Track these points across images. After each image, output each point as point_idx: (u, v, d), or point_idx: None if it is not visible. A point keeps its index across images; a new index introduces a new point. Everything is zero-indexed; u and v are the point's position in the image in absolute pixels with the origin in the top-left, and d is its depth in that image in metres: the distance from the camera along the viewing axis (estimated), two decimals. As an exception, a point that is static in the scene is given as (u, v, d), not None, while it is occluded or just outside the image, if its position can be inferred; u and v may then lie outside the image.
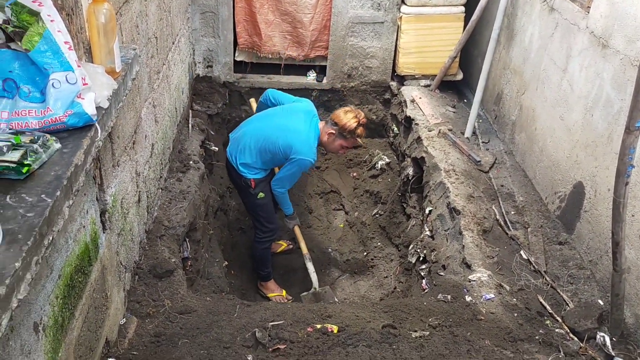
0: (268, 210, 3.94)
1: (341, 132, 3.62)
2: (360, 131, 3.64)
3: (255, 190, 3.75)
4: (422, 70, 4.92)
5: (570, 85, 3.34)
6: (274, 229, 4.05)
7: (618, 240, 2.31)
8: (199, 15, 4.56)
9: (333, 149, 3.76)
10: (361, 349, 2.31)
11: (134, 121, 2.67)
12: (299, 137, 3.54)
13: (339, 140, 3.67)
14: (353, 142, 3.72)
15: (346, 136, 3.63)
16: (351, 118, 3.60)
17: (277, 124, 3.64)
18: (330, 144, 3.71)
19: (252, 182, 3.70)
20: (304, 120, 3.63)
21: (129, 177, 2.60)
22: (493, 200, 3.68)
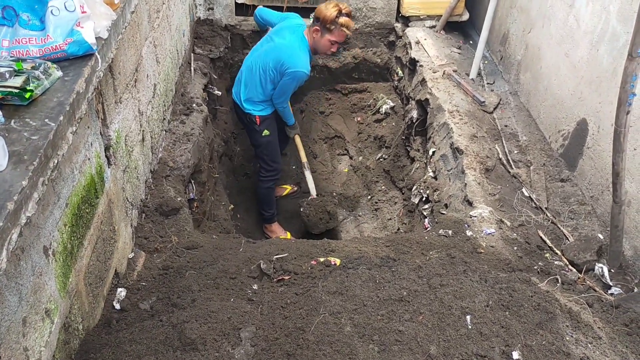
0: (272, 149, 3.99)
1: (324, 25, 3.52)
2: (343, 21, 3.51)
3: (260, 127, 3.81)
4: (427, 10, 4.83)
5: (576, 21, 3.28)
6: (277, 168, 4.11)
7: (618, 170, 2.32)
8: (198, -45, 4.46)
9: (323, 47, 3.64)
10: (361, 270, 2.39)
11: (135, 59, 2.66)
12: (286, 51, 3.54)
13: (326, 35, 3.56)
14: (340, 35, 3.57)
15: (330, 28, 3.52)
16: (331, 7, 3.49)
17: (265, 50, 3.68)
18: (318, 43, 3.62)
19: (257, 119, 3.77)
20: (288, 35, 3.62)
21: (132, 115, 2.61)
22: (496, 140, 3.67)
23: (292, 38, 3.59)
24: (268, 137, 3.87)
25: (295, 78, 3.58)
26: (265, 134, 3.85)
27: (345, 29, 3.55)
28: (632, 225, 2.68)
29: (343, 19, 3.50)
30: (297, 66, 3.53)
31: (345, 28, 3.54)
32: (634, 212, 2.67)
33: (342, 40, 3.65)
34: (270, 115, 3.83)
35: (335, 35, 3.56)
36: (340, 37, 3.59)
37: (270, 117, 3.85)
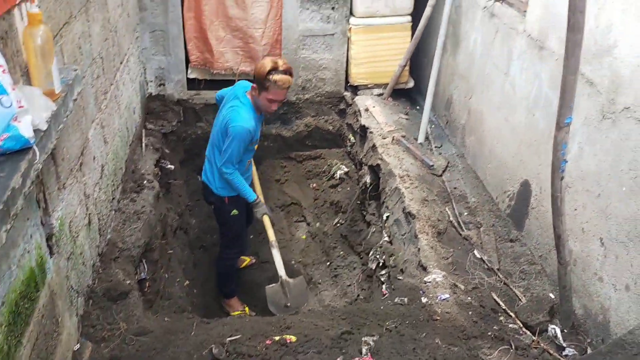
0: (239, 228, 3.95)
1: (259, 82, 3.32)
2: (277, 78, 3.26)
3: (229, 206, 3.74)
4: (374, 79, 5.01)
5: (512, 88, 3.45)
6: (241, 248, 4.06)
7: (560, 233, 2.40)
8: (148, 34, 4.54)
9: (263, 106, 3.44)
10: (311, 355, 2.34)
11: (81, 142, 2.64)
12: (229, 113, 3.43)
13: (262, 92, 3.35)
14: (276, 93, 3.34)
15: (265, 85, 3.30)
16: (266, 64, 3.29)
17: (215, 123, 3.65)
18: (258, 102, 3.44)
19: (226, 199, 3.72)
20: (233, 100, 3.52)
21: (77, 200, 2.57)
22: (446, 203, 3.76)
23: (235, 101, 3.50)
24: (236, 216, 3.80)
25: (237, 135, 3.37)
26: (233, 213, 3.77)
27: (280, 86, 3.31)
28: (580, 284, 2.74)
29: (277, 76, 3.27)
30: (237, 121, 3.37)
31: (280, 86, 3.31)
32: (580, 271, 2.73)
33: (281, 97, 3.43)
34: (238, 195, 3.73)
35: (272, 93, 3.34)
36: (276, 95, 3.37)
37: (239, 196, 3.73)
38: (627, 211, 2.40)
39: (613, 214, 2.49)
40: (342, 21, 4.80)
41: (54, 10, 2.33)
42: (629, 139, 2.39)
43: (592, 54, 2.63)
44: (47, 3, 2.24)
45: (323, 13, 4.75)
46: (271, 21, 4.77)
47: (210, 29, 4.71)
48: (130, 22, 3.99)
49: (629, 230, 2.39)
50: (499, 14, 3.61)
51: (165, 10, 4.49)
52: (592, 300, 2.66)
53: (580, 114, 2.71)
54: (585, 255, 2.70)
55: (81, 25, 2.70)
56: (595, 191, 2.62)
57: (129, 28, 3.96)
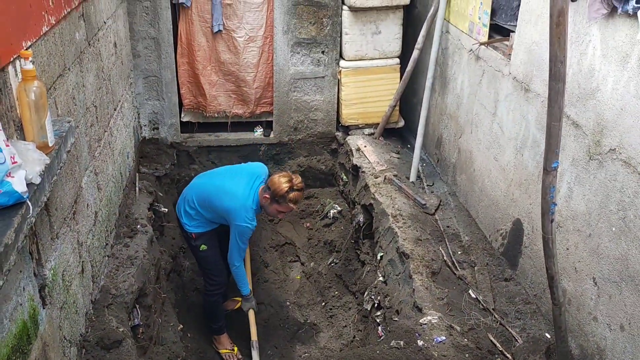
0: (213, 262, 3.97)
1: (274, 197, 3.52)
2: (293, 196, 3.52)
3: (196, 242, 3.82)
4: (365, 119, 5.09)
5: (500, 128, 3.52)
6: (220, 282, 4.07)
7: (552, 274, 2.41)
8: (142, 80, 4.62)
9: (270, 213, 3.70)
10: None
11: (74, 191, 2.66)
12: (235, 203, 3.56)
13: (274, 204, 3.57)
14: (287, 207, 3.59)
15: (279, 201, 3.53)
16: (283, 183, 3.49)
17: (219, 184, 3.70)
18: (267, 208, 3.64)
19: (193, 235, 3.80)
20: (245, 183, 3.64)
21: (70, 249, 2.57)
22: (440, 242, 3.77)
23: (246, 191, 3.60)
24: (206, 251, 3.86)
25: (240, 232, 3.61)
26: (202, 249, 3.84)
27: (294, 204, 3.58)
28: (575, 324, 2.74)
29: (293, 195, 3.51)
30: (241, 220, 3.56)
31: (294, 204, 3.57)
32: (575, 311, 2.74)
33: (289, 211, 3.69)
34: (207, 231, 3.81)
35: (284, 207, 3.58)
36: (288, 209, 3.62)
37: (207, 233, 3.81)
38: (617, 251, 2.42)
39: (604, 254, 2.51)
40: (332, 64, 4.90)
41: (48, 64, 2.37)
42: (615, 180, 2.43)
43: (577, 97, 2.69)
44: (41, 57, 2.29)
45: (313, 57, 4.85)
46: (263, 65, 4.86)
47: (203, 74, 4.79)
48: (124, 69, 4.06)
49: (621, 270, 2.40)
50: (485, 56, 3.70)
51: (159, 57, 4.58)
52: (588, 340, 2.66)
53: (567, 155, 2.76)
54: (579, 295, 2.71)
55: (75, 77, 2.75)
56: (586, 231, 2.64)
57: (123, 75, 4.03)
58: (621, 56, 2.39)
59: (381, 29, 4.77)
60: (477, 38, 3.79)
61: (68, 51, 2.64)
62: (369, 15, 4.69)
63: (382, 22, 4.74)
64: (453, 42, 4.20)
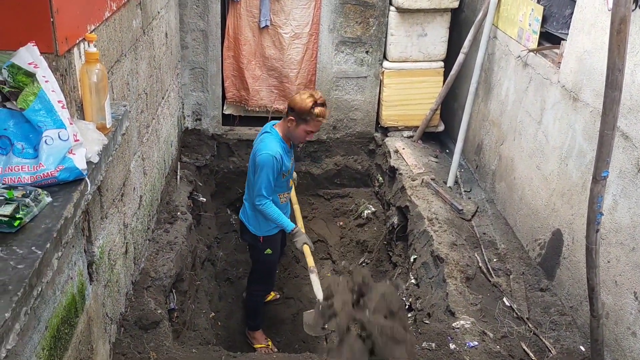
0: (271, 268, 4.00)
1: (300, 116, 3.39)
2: (318, 110, 3.37)
3: (263, 245, 3.76)
4: (404, 122, 5.08)
5: (545, 136, 3.48)
6: (271, 285, 4.11)
7: (593, 285, 2.38)
8: (188, 71, 4.71)
9: (299, 136, 3.50)
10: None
11: (123, 174, 2.74)
12: (257, 144, 3.50)
13: (301, 125, 3.42)
14: (316, 124, 3.44)
15: (306, 119, 3.38)
16: (306, 98, 3.37)
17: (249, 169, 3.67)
18: (293, 132, 3.48)
19: (261, 239, 3.73)
20: (259, 138, 3.59)
21: (116, 229, 2.65)
22: (475, 248, 3.75)
23: (263, 136, 3.56)
24: (270, 255, 3.82)
25: (265, 163, 3.40)
26: (267, 252, 3.79)
27: (322, 118, 3.44)
28: (612, 338, 2.70)
29: (318, 109, 3.38)
30: (264, 149, 3.42)
31: (321, 117, 3.43)
32: (613, 325, 2.69)
33: (317, 129, 3.55)
34: (274, 235, 3.76)
35: (312, 125, 3.44)
36: (316, 126, 3.48)
37: (274, 236, 3.77)
38: (662, 266, 2.38)
39: (648, 269, 2.47)
40: (376, 64, 4.92)
41: (107, 49, 2.45)
42: (665, 194, 2.39)
43: (628, 108, 2.65)
44: (102, 42, 2.37)
45: (357, 56, 4.87)
46: (306, 62, 4.91)
47: (248, 68, 4.86)
48: (172, 60, 4.16)
49: (665, 286, 2.36)
50: (533, 64, 3.67)
51: (206, 49, 4.66)
52: (625, 356, 2.61)
53: (615, 166, 2.72)
54: (618, 309, 2.67)
55: (130, 63, 2.83)
56: (630, 244, 2.60)
57: (171, 65, 4.12)
58: (678, 69, 2.35)
59: (427, 32, 4.76)
60: (526, 45, 3.75)
61: (125, 38, 2.72)
62: (416, 17, 4.69)
63: (428, 24, 4.73)
64: (500, 47, 4.17)
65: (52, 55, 1.85)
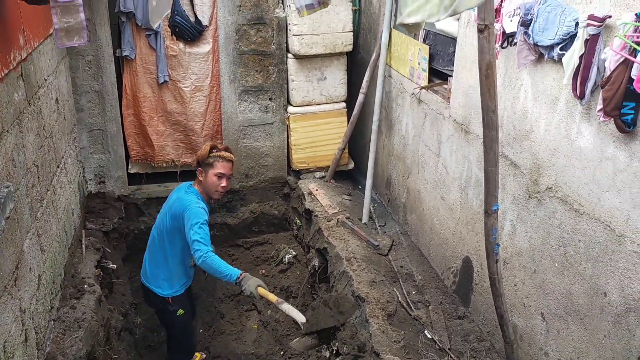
0: (188, 328, 3.86)
1: (204, 163, 3.49)
2: (218, 154, 3.48)
3: (173, 307, 3.66)
4: (315, 163, 5.14)
5: (445, 168, 3.62)
6: (192, 347, 3.95)
7: (502, 313, 2.46)
8: (86, 134, 4.54)
9: (212, 185, 3.49)
10: None
11: (15, 257, 2.56)
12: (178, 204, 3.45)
13: (209, 171, 3.48)
14: (222, 165, 3.48)
15: (211, 162, 3.47)
16: (205, 147, 3.53)
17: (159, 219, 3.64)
18: (207, 185, 3.51)
19: (170, 300, 3.64)
20: (175, 195, 3.58)
21: (11, 318, 2.45)
22: (394, 282, 3.80)
23: (180, 194, 3.53)
24: (183, 316, 3.71)
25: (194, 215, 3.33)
26: (179, 314, 3.69)
27: (224, 158, 3.50)
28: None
29: (219, 152, 3.49)
30: (190, 205, 3.38)
31: (224, 158, 3.49)
32: (527, 346, 2.79)
33: (228, 171, 3.53)
34: (183, 294, 3.70)
35: (218, 166, 3.47)
36: (224, 167, 3.50)
37: (183, 295, 3.70)
38: (561, 286, 2.51)
39: (550, 289, 2.59)
40: (280, 110, 4.97)
41: (-14, 128, 2.31)
42: (554, 217, 2.53)
43: (513, 138, 2.82)
44: (-22, 121, 2.23)
45: (261, 104, 4.91)
46: (210, 114, 4.88)
47: (150, 125, 4.76)
48: (67, 125, 3.99)
49: (566, 305, 2.48)
50: (426, 100, 3.84)
51: (103, 110, 4.52)
52: (541, 375, 2.71)
53: (508, 193, 2.86)
54: (529, 330, 2.77)
55: (14, 138, 2.68)
56: (531, 267, 2.73)
57: (66, 130, 3.95)
58: (551, 99, 2.53)
59: (326, 75, 4.89)
60: (417, 82, 3.93)
61: (6, 113, 2.58)
62: (314, 62, 4.80)
63: (326, 68, 4.86)
64: (396, 85, 4.34)
65: None
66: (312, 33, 4.61)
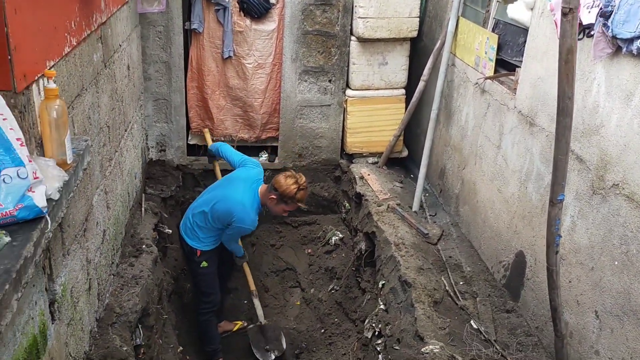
0: (209, 280, 4.06)
1: (282, 198, 3.69)
2: (300, 195, 3.71)
3: (199, 258, 3.92)
4: (369, 148, 5.15)
5: (504, 160, 3.58)
6: (214, 300, 4.14)
7: (556, 306, 2.44)
8: (151, 103, 4.69)
9: (276, 212, 3.86)
10: None
11: (85, 209, 2.70)
12: (237, 207, 3.71)
13: (281, 204, 3.75)
14: (294, 206, 3.79)
15: (287, 201, 3.71)
16: (291, 184, 3.67)
17: (217, 195, 3.85)
18: (272, 208, 3.82)
19: (198, 252, 3.91)
20: (242, 188, 3.78)
21: (79, 266, 2.59)
22: (442, 272, 3.79)
23: (246, 195, 3.74)
24: (206, 268, 3.97)
25: (240, 231, 3.84)
26: (203, 265, 3.95)
27: (301, 203, 3.79)
28: (577, 357, 2.75)
29: (300, 194, 3.71)
30: (244, 223, 3.72)
31: (301, 202, 3.78)
32: (577, 344, 2.75)
33: (294, 209, 3.90)
34: (211, 249, 3.96)
35: (291, 206, 3.78)
36: (294, 207, 3.83)
37: (211, 251, 3.97)
38: (619, 285, 2.46)
39: (607, 287, 2.55)
40: (339, 93, 4.99)
41: (68, 84, 2.43)
42: (618, 215, 2.48)
43: (581, 132, 2.76)
44: (62, 78, 2.35)
45: (320, 85, 4.94)
46: (270, 92, 4.95)
47: (212, 98, 4.87)
48: (135, 92, 4.14)
49: (623, 304, 2.43)
50: (490, 90, 3.79)
51: (169, 80, 4.66)
52: (590, 374, 2.67)
53: (571, 189, 2.81)
54: (581, 328, 2.73)
55: (91, 97, 2.81)
56: (589, 264, 2.68)
57: (134, 97, 4.10)
58: (625, 94, 2.47)
59: (388, 60, 4.87)
60: (483, 72, 3.88)
61: (86, 72, 2.71)
62: (377, 46, 4.80)
63: (389, 53, 4.85)
64: (459, 75, 4.29)
65: (10, 93, 1.82)
66: (377, 17, 4.60)
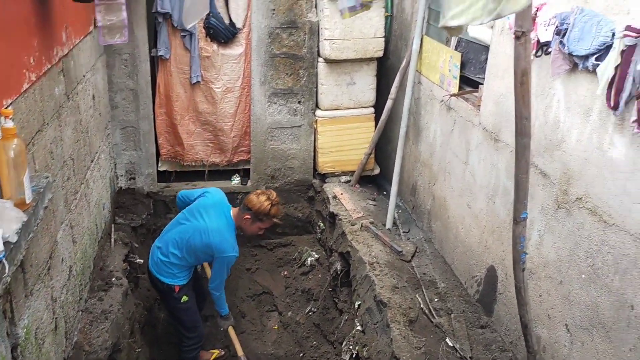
0: (191, 313, 3.96)
1: (256, 216, 3.68)
2: (274, 211, 3.71)
3: (178, 294, 3.79)
4: (341, 167, 5.17)
5: (472, 176, 3.61)
6: (199, 334, 4.05)
7: (526, 322, 2.45)
8: (119, 131, 4.65)
9: (252, 232, 3.81)
10: None
11: (49, 246, 2.64)
12: (215, 236, 3.62)
13: (256, 223, 3.74)
14: (270, 222, 3.78)
15: (262, 219, 3.71)
16: (264, 201, 3.67)
17: (190, 227, 3.70)
18: (248, 228, 3.77)
19: (177, 288, 3.77)
20: (215, 216, 3.70)
21: (44, 305, 2.53)
22: (417, 289, 3.80)
23: (221, 221, 3.67)
24: (187, 302, 3.84)
25: (227, 262, 3.70)
26: (184, 300, 3.82)
27: (276, 218, 3.79)
28: (551, 371, 2.77)
29: (274, 210, 3.71)
30: (227, 252, 3.64)
31: (276, 218, 3.78)
32: (550, 358, 2.77)
33: (271, 226, 3.89)
34: (187, 282, 3.84)
35: (266, 223, 3.78)
36: (270, 224, 3.82)
37: (188, 283, 3.85)
38: (587, 298, 2.49)
39: (575, 301, 2.57)
40: (309, 113, 5.01)
41: (27, 120, 2.39)
42: (583, 228, 2.51)
43: (544, 147, 2.80)
44: (21, 114, 2.31)
45: (290, 107, 4.95)
46: (240, 115, 4.95)
47: (181, 124, 4.85)
48: (101, 121, 4.09)
49: (591, 317, 2.46)
50: (456, 107, 3.84)
51: (137, 108, 4.62)
52: (564, 387, 2.68)
53: (537, 203, 2.85)
54: (553, 342, 2.75)
55: (53, 131, 2.77)
56: (557, 278, 2.71)
57: (100, 127, 4.05)
58: (584, 110, 2.52)
59: (356, 80, 4.91)
60: (448, 89, 3.93)
61: (47, 106, 2.67)
62: (344, 66, 4.84)
63: (356, 73, 4.89)
64: (425, 92, 4.34)
65: (-37, 135, 1.78)
66: (343, 38, 4.64)
